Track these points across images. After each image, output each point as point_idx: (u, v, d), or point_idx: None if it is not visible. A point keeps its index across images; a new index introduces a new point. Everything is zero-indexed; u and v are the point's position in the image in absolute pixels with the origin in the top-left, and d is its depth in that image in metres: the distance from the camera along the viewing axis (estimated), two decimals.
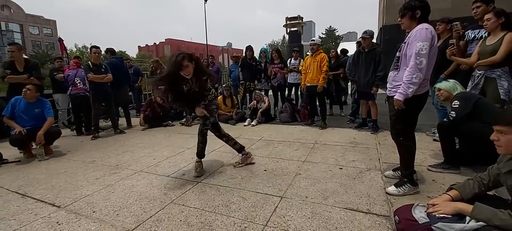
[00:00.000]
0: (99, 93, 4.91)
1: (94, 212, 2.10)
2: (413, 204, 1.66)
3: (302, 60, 6.33)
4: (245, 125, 5.27)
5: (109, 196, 2.36)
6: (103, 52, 5.80)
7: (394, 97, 2.09)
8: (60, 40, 8.84)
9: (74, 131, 5.36)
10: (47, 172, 3.07)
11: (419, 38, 1.96)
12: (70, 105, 5.69)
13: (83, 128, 5.31)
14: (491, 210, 1.32)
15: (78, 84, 5.10)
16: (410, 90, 2.00)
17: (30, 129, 3.61)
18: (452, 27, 3.44)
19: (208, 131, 2.91)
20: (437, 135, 3.64)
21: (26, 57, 4.81)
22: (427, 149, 3.24)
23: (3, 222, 2.01)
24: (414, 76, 1.97)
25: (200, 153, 2.88)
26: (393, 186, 2.18)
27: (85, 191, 2.48)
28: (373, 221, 1.81)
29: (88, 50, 30.30)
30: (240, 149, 3.03)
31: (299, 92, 6.13)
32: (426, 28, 1.99)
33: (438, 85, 2.74)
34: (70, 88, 5.13)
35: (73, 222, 1.96)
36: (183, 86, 2.66)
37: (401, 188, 2.14)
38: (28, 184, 2.72)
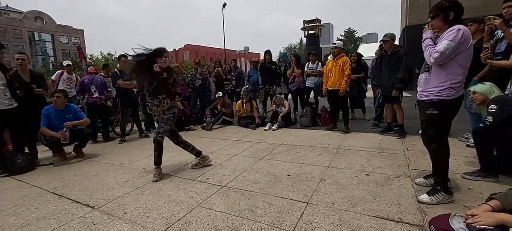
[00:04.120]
0: (127, 99, 5.11)
1: (125, 213, 2.18)
2: (450, 214, 1.58)
3: (320, 63, 6.29)
4: (265, 129, 5.27)
5: (138, 198, 2.45)
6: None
7: None
8: (79, 48, 9.23)
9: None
10: (80, 174, 3.25)
11: (450, 38, 1.90)
12: None
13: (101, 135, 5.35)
14: None
15: (94, 92, 5.07)
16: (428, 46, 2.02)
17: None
18: (485, 24, 3.25)
19: (164, 138, 3.01)
20: (470, 140, 3.46)
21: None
22: (460, 155, 3.07)
23: (44, 221, 2.14)
24: (438, 49, 1.93)
25: (157, 162, 2.99)
26: (425, 194, 2.09)
27: (116, 193, 2.59)
28: (406, 230, 1.74)
29: (114, 57, 31.95)
30: (197, 153, 3.26)
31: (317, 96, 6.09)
32: (459, 29, 1.92)
33: (473, 88, 2.59)
34: (86, 96, 5.15)
35: (107, 223, 2.04)
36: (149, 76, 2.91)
37: (434, 196, 2.04)
38: (63, 186, 2.89)
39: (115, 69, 5.25)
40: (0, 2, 50.75)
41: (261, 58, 8.25)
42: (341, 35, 53.81)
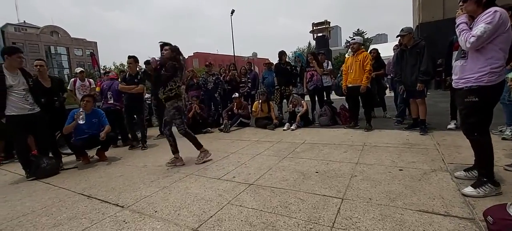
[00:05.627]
0: (129, 104, 4.86)
1: (156, 211, 2.15)
2: (506, 203, 1.48)
3: (329, 62, 6.20)
4: (284, 129, 5.20)
5: (167, 197, 2.42)
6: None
7: None
8: (92, 55, 9.49)
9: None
10: (105, 176, 3.26)
11: (487, 21, 1.82)
12: None
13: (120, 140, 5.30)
14: None
15: (110, 98, 5.09)
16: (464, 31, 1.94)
17: (88, 138, 3.87)
18: None
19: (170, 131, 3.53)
20: (505, 133, 3.29)
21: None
22: (498, 148, 2.89)
23: (76, 220, 2.13)
24: (474, 34, 1.85)
25: (197, 145, 3.57)
26: (470, 187, 1.97)
27: (144, 193, 2.57)
28: (456, 223, 1.63)
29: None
30: (175, 150, 3.57)
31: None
32: (495, 11, 1.83)
33: (510, 75, 2.46)
34: (102, 101, 5.19)
35: (138, 221, 2.02)
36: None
37: (480, 188, 1.92)
38: (91, 187, 2.90)
39: (126, 74, 5.14)
40: (18, 19, 53.00)
41: (271, 61, 8.25)
42: (349, 37, 53.28)
